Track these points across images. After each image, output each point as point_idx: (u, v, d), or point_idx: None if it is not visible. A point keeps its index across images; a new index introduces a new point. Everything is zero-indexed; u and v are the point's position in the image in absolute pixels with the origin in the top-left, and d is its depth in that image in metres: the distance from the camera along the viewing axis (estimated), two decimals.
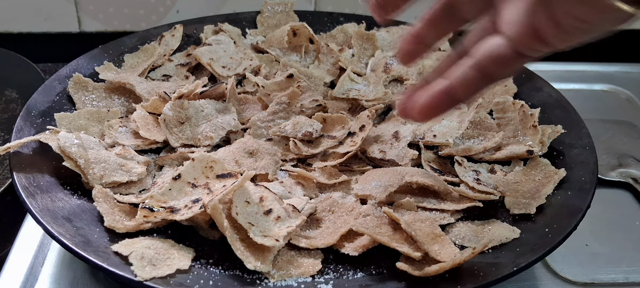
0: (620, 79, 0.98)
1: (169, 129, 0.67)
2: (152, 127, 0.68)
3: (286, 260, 0.56)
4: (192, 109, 0.69)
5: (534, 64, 0.86)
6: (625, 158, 0.80)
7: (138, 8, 0.97)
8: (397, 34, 0.87)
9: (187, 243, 0.57)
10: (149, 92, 0.73)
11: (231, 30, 0.86)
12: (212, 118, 0.69)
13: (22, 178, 0.59)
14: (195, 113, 0.69)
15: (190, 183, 0.59)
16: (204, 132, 0.68)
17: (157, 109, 0.69)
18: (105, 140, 0.66)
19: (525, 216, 0.61)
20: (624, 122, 0.88)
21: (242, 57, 0.80)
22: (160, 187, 0.60)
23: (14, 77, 0.89)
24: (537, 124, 0.70)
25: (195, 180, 0.59)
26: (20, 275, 0.61)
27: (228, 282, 0.53)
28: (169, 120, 0.68)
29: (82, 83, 0.74)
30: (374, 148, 0.68)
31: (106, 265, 0.52)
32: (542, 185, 0.64)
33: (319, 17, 0.91)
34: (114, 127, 0.68)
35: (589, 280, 0.65)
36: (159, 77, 0.79)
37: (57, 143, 0.61)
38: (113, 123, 0.69)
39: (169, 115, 0.68)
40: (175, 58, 0.82)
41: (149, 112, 0.70)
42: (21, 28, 0.98)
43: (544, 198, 0.62)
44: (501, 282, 0.52)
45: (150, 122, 0.69)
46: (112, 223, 0.56)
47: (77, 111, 0.70)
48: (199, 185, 0.59)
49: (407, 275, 0.53)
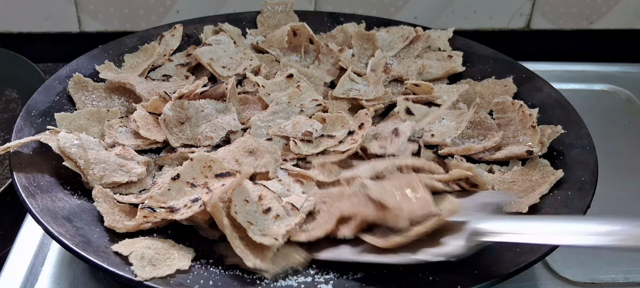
0: (620, 79, 0.98)
1: (169, 129, 0.67)
2: (152, 127, 0.68)
3: (281, 255, 0.56)
4: (192, 109, 0.69)
5: (534, 64, 0.86)
6: None
7: (138, 8, 0.97)
8: (397, 34, 0.87)
9: (187, 243, 0.57)
10: (149, 92, 0.73)
11: (231, 30, 0.86)
12: (212, 118, 0.69)
13: (22, 178, 0.59)
14: (195, 113, 0.69)
15: (189, 183, 0.59)
16: (204, 132, 0.68)
17: (157, 109, 0.69)
18: (106, 140, 0.66)
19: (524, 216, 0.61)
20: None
21: (242, 57, 0.80)
22: (160, 187, 0.60)
23: (14, 77, 0.89)
24: (536, 124, 0.70)
25: (194, 180, 0.59)
26: (20, 275, 0.61)
27: (228, 282, 0.53)
28: (169, 120, 0.68)
29: (82, 83, 0.74)
30: (374, 145, 0.68)
31: (106, 265, 0.52)
32: (538, 185, 0.63)
33: (319, 17, 0.91)
34: (114, 127, 0.68)
35: (589, 280, 0.65)
36: (159, 77, 0.79)
37: (57, 143, 0.61)
38: (113, 123, 0.69)
39: (169, 115, 0.68)
40: (175, 58, 0.82)
41: (149, 112, 0.70)
42: (21, 28, 0.98)
43: (538, 198, 0.61)
44: (501, 282, 0.53)
45: (151, 122, 0.69)
46: (112, 223, 0.56)
47: (77, 111, 0.70)
48: (198, 185, 0.59)
49: (407, 275, 0.54)
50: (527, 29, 1.05)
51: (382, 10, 1.00)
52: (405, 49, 0.85)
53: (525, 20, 1.04)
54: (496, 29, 1.04)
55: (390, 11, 1.00)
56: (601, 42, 1.06)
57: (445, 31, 0.88)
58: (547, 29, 1.05)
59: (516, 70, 0.82)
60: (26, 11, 0.96)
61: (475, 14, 1.02)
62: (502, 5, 1.02)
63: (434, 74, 0.82)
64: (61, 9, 0.96)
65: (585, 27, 1.05)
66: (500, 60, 0.84)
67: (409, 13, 1.00)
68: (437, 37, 0.87)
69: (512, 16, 1.03)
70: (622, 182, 0.79)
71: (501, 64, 0.84)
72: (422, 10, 1.00)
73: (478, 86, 0.80)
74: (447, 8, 1.00)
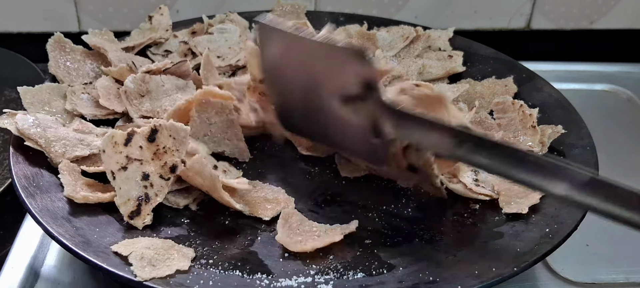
0: (620, 79, 0.98)
1: (129, 100, 0.69)
2: (113, 97, 0.70)
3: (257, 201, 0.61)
4: (152, 83, 0.70)
5: (534, 64, 0.86)
6: None
7: (138, 8, 0.97)
8: (397, 34, 0.87)
9: (187, 244, 0.57)
10: (121, 60, 0.75)
11: (239, 21, 0.86)
12: (171, 93, 0.71)
13: (21, 179, 0.59)
14: (156, 87, 0.70)
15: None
16: (163, 106, 0.70)
17: (122, 77, 0.71)
18: (66, 106, 0.68)
19: (525, 216, 0.61)
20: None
21: (243, 47, 0.81)
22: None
23: (13, 77, 0.89)
24: (536, 124, 0.69)
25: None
26: (20, 275, 0.61)
27: (228, 282, 0.53)
28: (129, 91, 0.69)
29: (61, 43, 0.75)
30: None
31: (106, 265, 0.52)
32: None
33: (319, 17, 0.91)
34: (77, 94, 0.70)
35: (589, 280, 0.65)
36: (161, 52, 0.80)
37: (15, 126, 0.62)
38: (76, 88, 0.70)
39: (130, 87, 0.69)
40: (180, 34, 0.83)
41: (115, 79, 0.72)
42: (21, 28, 0.98)
43: (538, 199, 0.61)
44: (501, 282, 0.52)
45: (112, 93, 0.70)
46: (71, 193, 0.58)
47: (39, 86, 0.71)
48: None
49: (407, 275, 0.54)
50: (527, 28, 1.05)
51: (382, 10, 0.99)
52: (405, 49, 0.85)
53: (525, 20, 1.04)
54: (496, 28, 1.04)
55: (390, 11, 1.00)
56: (602, 42, 1.06)
57: (446, 31, 0.88)
58: (548, 29, 1.05)
59: (516, 70, 0.82)
60: (25, 11, 0.96)
61: (475, 13, 1.02)
62: (502, 5, 1.02)
63: (434, 74, 0.82)
64: (61, 8, 0.96)
65: (585, 27, 1.05)
66: (500, 60, 0.84)
67: (409, 13, 1.00)
68: (437, 37, 0.87)
69: (513, 16, 1.03)
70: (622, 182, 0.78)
71: (501, 63, 0.84)
72: (422, 10, 0.99)
73: (478, 86, 0.80)
74: (447, 8, 1.00)
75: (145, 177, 0.58)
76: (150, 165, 0.59)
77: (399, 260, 0.57)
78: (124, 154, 0.58)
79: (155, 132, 0.59)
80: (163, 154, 0.59)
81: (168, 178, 0.59)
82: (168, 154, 0.59)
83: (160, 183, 0.59)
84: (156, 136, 0.59)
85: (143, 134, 0.59)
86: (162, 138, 0.59)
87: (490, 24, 1.04)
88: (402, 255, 0.57)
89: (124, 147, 0.58)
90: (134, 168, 0.58)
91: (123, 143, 0.58)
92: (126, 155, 0.58)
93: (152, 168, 0.59)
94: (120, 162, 0.58)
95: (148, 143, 0.59)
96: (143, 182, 0.58)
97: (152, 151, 0.59)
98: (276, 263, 0.56)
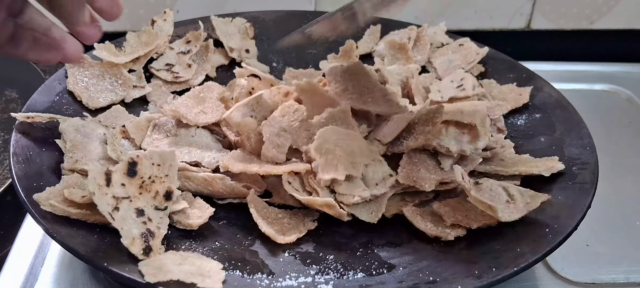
0: (620, 79, 0.98)
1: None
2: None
3: None
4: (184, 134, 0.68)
5: (534, 64, 0.86)
6: None
7: (138, 8, 0.97)
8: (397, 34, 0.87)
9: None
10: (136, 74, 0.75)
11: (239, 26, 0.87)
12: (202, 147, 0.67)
13: (22, 179, 0.59)
14: (186, 136, 0.68)
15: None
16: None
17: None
18: (109, 152, 0.63)
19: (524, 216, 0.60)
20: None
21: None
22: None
23: (14, 77, 0.89)
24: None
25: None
26: (20, 275, 0.61)
27: (228, 282, 0.53)
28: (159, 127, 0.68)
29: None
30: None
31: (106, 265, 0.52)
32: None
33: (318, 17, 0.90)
34: (117, 139, 0.66)
35: (589, 280, 0.65)
36: (162, 66, 0.79)
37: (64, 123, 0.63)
38: (115, 132, 0.66)
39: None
40: (176, 45, 0.83)
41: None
42: None
43: (539, 203, 0.60)
44: (501, 282, 0.52)
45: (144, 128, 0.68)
46: (52, 203, 0.55)
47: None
48: None
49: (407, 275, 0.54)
50: (527, 28, 1.05)
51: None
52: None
53: (525, 20, 1.04)
54: (496, 29, 1.04)
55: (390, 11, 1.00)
56: (602, 42, 1.06)
57: (438, 27, 0.88)
58: (548, 29, 1.05)
59: (516, 70, 0.82)
60: None
61: (475, 14, 1.02)
62: (502, 5, 1.02)
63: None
64: None
65: (585, 27, 1.05)
66: (500, 60, 0.84)
67: (409, 13, 1.00)
68: (433, 34, 0.87)
69: (513, 16, 1.03)
70: (622, 182, 0.79)
71: (501, 63, 0.84)
72: (422, 10, 0.99)
73: (495, 90, 0.79)
74: (447, 8, 1.00)
75: (140, 213, 0.53)
76: (140, 200, 0.54)
77: (399, 260, 0.57)
78: (110, 195, 0.52)
79: (134, 165, 0.54)
80: (151, 185, 0.55)
81: (165, 207, 0.55)
82: (157, 183, 0.55)
83: (158, 215, 0.54)
84: (136, 169, 0.54)
85: (121, 170, 0.54)
86: (144, 169, 0.54)
87: (490, 24, 1.04)
88: (402, 255, 0.57)
89: (107, 188, 0.53)
90: (125, 207, 0.53)
91: (105, 184, 0.53)
92: (112, 195, 0.53)
93: (143, 203, 0.54)
94: (110, 203, 0.52)
95: (129, 178, 0.54)
96: (139, 218, 0.53)
97: (136, 185, 0.54)
98: (276, 263, 0.56)
